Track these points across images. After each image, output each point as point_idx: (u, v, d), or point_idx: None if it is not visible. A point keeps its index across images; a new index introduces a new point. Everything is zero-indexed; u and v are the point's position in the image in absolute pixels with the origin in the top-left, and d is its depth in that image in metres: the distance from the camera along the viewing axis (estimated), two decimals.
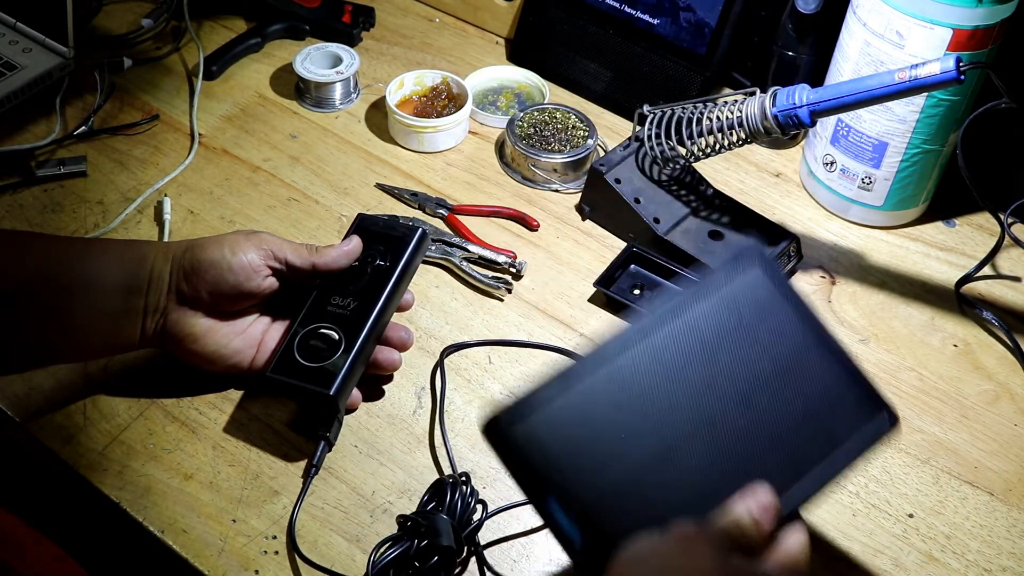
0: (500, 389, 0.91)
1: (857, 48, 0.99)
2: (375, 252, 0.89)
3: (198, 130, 1.14)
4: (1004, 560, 0.83)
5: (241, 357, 0.86)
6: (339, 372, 0.83)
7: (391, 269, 0.88)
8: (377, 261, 0.88)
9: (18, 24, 1.18)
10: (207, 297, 0.83)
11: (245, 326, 0.86)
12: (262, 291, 0.85)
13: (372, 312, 0.85)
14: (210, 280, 0.83)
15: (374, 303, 0.86)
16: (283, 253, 0.85)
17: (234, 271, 0.83)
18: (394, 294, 0.88)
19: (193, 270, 0.83)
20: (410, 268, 0.89)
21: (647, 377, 0.67)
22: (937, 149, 1.02)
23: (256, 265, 0.84)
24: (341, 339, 0.84)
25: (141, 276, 0.82)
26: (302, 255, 0.86)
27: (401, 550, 0.76)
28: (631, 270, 1.01)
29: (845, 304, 1.02)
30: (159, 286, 0.83)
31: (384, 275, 0.87)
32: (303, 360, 0.83)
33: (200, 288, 0.83)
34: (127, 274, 0.82)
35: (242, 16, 1.30)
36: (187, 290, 0.83)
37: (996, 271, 1.06)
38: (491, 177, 1.12)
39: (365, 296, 0.86)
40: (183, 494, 0.82)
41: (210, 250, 0.83)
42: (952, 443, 0.91)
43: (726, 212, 1.05)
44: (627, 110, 1.18)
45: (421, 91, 1.17)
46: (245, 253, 0.84)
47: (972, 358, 0.98)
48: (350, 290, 0.87)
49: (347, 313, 0.86)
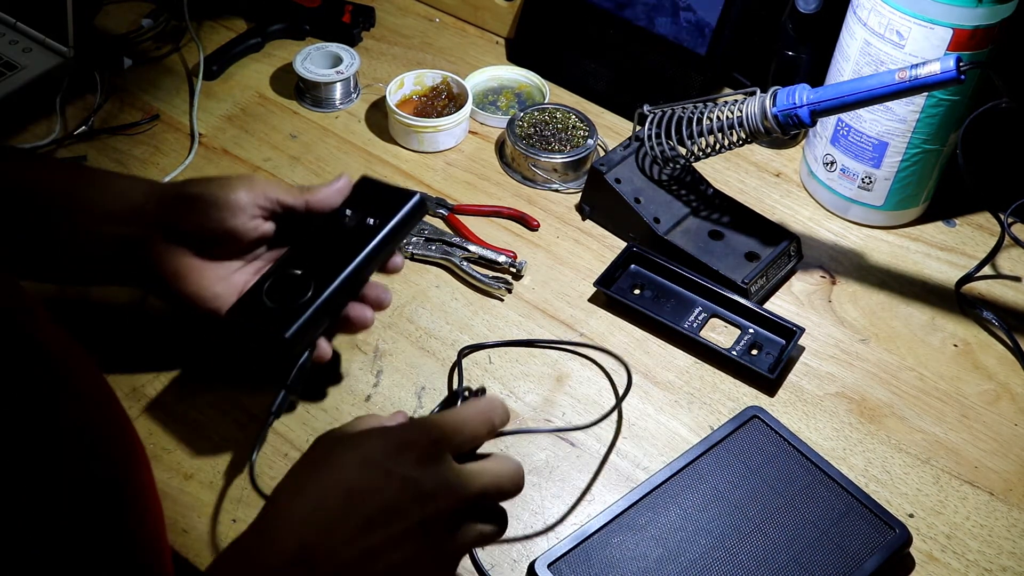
0: (500, 388, 0.91)
1: (857, 48, 1.00)
2: (367, 211, 0.86)
3: (198, 130, 1.14)
4: (1004, 560, 0.83)
5: (220, 303, 0.83)
6: (300, 317, 0.80)
7: (379, 227, 0.85)
8: (368, 220, 0.86)
9: (18, 24, 1.18)
10: (192, 232, 0.82)
11: (229, 272, 0.84)
12: (248, 232, 0.83)
13: (349, 265, 0.83)
14: (195, 215, 0.82)
15: (353, 256, 0.84)
16: (275, 193, 0.84)
17: (219, 207, 0.82)
18: (377, 252, 0.85)
19: (180, 204, 0.82)
20: (400, 230, 0.87)
21: (665, 520, 0.80)
22: (937, 149, 1.03)
23: (243, 202, 0.82)
24: (310, 285, 0.82)
25: (122, 205, 0.82)
26: (294, 193, 0.85)
27: None
28: (631, 270, 1.01)
29: (845, 304, 1.02)
30: (140, 218, 0.81)
31: (371, 232, 0.85)
32: (268, 301, 0.81)
33: (185, 222, 0.82)
34: (107, 200, 0.82)
35: (242, 16, 1.30)
36: (173, 224, 0.82)
37: (996, 271, 1.06)
38: (491, 177, 1.12)
39: (347, 249, 0.84)
40: (183, 494, 0.82)
41: (199, 185, 0.83)
42: (952, 443, 0.91)
43: (726, 212, 1.05)
44: (627, 110, 1.18)
45: (421, 91, 1.17)
46: (234, 191, 0.82)
47: (972, 358, 0.98)
48: (334, 243, 0.85)
49: (324, 263, 0.83)
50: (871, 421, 0.92)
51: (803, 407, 0.92)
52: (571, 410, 0.90)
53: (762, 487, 0.83)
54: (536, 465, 0.86)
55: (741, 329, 0.97)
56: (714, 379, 0.94)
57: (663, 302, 0.99)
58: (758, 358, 0.95)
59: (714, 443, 0.85)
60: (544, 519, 0.83)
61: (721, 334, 0.97)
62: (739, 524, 0.80)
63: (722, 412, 0.91)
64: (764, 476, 0.83)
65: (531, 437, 0.88)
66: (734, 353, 0.94)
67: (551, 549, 0.78)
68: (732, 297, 0.97)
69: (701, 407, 0.92)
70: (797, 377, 0.95)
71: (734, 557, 0.78)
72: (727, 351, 0.94)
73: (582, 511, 0.84)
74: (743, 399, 0.92)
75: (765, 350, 0.95)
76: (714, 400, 0.92)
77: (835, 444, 0.89)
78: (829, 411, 0.92)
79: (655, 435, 0.89)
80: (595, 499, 0.85)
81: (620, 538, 0.79)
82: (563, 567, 0.77)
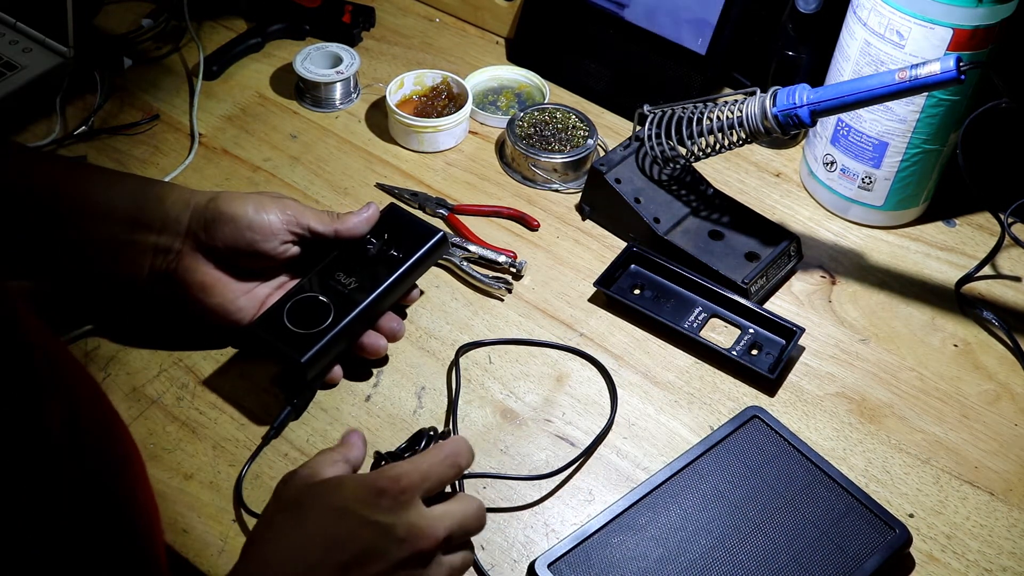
0: (500, 389, 0.91)
1: (857, 48, 0.99)
2: (392, 242, 0.91)
3: (198, 130, 1.14)
4: (1004, 560, 0.83)
5: (241, 315, 0.87)
6: (317, 343, 0.84)
7: (401, 260, 0.90)
8: (391, 251, 0.90)
9: (18, 24, 1.18)
10: (223, 249, 0.85)
11: (253, 286, 0.88)
12: (278, 255, 0.87)
13: (370, 296, 0.88)
14: (228, 233, 0.84)
15: (374, 288, 0.88)
16: (306, 220, 0.87)
17: (253, 229, 0.85)
18: (397, 285, 0.89)
19: (214, 220, 0.84)
20: (420, 266, 0.91)
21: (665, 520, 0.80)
22: (937, 149, 1.02)
23: (276, 228, 0.85)
24: (331, 312, 0.86)
25: (155, 214, 0.84)
26: (324, 221, 0.88)
27: None
28: (631, 270, 1.01)
29: (845, 304, 1.02)
30: (175, 228, 0.84)
31: (393, 264, 0.90)
32: (289, 323, 0.85)
33: (217, 239, 0.84)
34: (138, 208, 0.83)
35: (242, 16, 1.30)
36: (204, 239, 0.84)
37: (996, 271, 1.06)
38: (491, 177, 1.12)
39: (368, 279, 0.88)
40: (183, 494, 0.82)
41: (234, 204, 0.85)
42: (952, 443, 0.91)
43: (726, 212, 1.05)
44: (627, 110, 1.18)
45: (421, 91, 1.17)
46: (268, 213, 0.85)
47: (972, 358, 0.98)
48: (356, 270, 0.89)
49: (345, 291, 0.88)
50: (871, 421, 0.92)
51: (803, 407, 0.92)
52: (571, 410, 0.90)
53: (762, 487, 0.83)
54: (536, 465, 0.86)
55: (741, 329, 0.97)
56: (714, 379, 0.94)
57: (663, 302, 0.99)
58: (758, 358, 0.95)
59: (714, 443, 0.86)
60: (544, 519, 0.83)
61: (721, 334, 0.97)
62: (739, 524, 0.80)
63: (722, 412, 0.91)
64: (764, 476, 0.83)
65: (531, 437, 0.88)
66: (734, 353, 0.94)
67: (551, 549, 0.78)
68: (732, 297, 0.97)
69: (701, 407, 0.92)
70: (797, 377, 0.95)
71: (734, 557, 0.78)
72: (727, 351, 0.94)
73: (582, 511, 0.84)
74: (743, 399, 0.92)
75: (765, 350, 0.95)
76: (714, 400, 0.92)
77: (835, 444, 0.89)
78: (829, 411, 0.92)
79: (655, 435, 0.89)
80: (595, 499, 0.85)
81: (620, 538, 0.79)
82: (563, 567, 0.77)
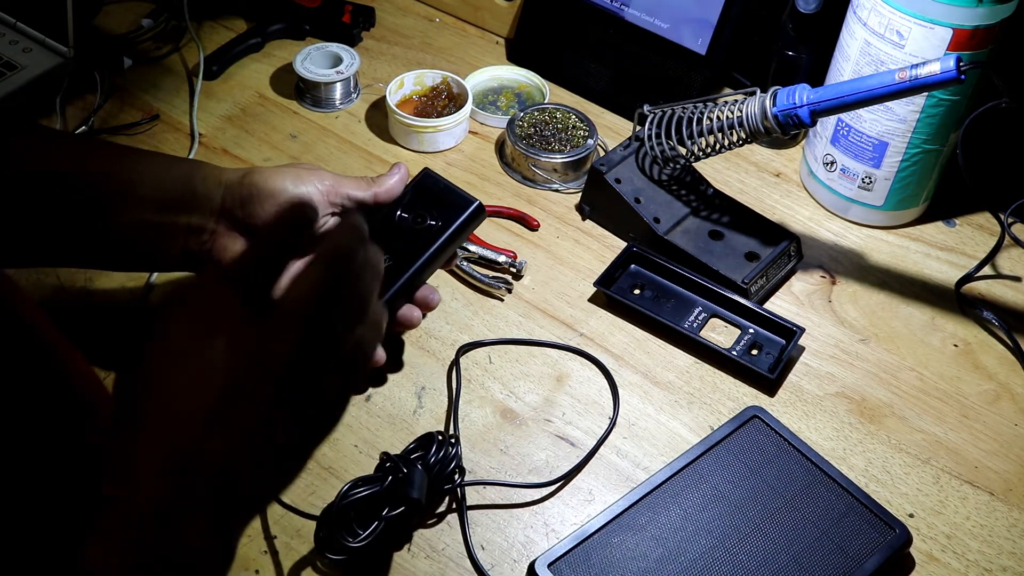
0: (500, 389, 0.91)
1: (857, 48, 0.99)
2: (427, 212, 0.86)
3: (198, 130, 1.14)
4: (1004, 560, 0.83)
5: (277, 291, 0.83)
6: None
7: (440, 231, 0.85)
8: (428, 221, 0.86)
9: (18, 24, 1.18)
10: (261, 225, 0.81)
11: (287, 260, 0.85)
12: (316, 229, 0.83)
13: (410, 269, 0.83)
14: (268, 209, 0.81)
15: (414, 260, 0.84)
16: (344, 188, 0.84)
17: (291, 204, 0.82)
18: (436, 257, 0.85)
19: (251, 197, 0.81)
20: (459, 236, 0.86)
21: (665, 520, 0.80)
22: (937, 149, 1.03)
23: (317, 200, 0.82)
24: None
25: (184, 193, 0.80)
26: (362, 187, 0.85)
27: (372, 491, 0.78)
28: (631, 270, 1.01)
29: (845, 304, 1.02)
30: (207, 207, 0.81)
31: (432, 235, 0.85)
32: None
33: (256, 217, 0.81)
34: (164, 189, 0.80)
35: (242, 16, 1.30)
36: (241, 216, 0.81)
37: (996, 271, 1.06)
38: (491, 177, 1.12)
39: (408, 252, 0.84)
40: None
41: (272, 180, 0.82)
42: (952, 443, 0.91)
43: (726, 212, 1.05)
44: (627, 110, 1.18)
45: (421, 91, 1.17)
46: (307, 186, 0.82)
47: (972, 358, 0.98)
48: (393, 244, 0.84)
49: (385, 264, 0.84)
50: (871, 421, 0.92)
51: (803, 407, 0.92)
52: (571, 410, 0.90)
53: (762, 487, 0.83)
54: (536, 465, 0.86)
55: (741, 329, 0.97)
56: (714, 379, 0.94)
57: (663, 302, 0.99)
58: (758, 358, 0.95)
59: (714, 443, 0.85)
60: (544, 519, 0.83)
61: (721, 334, 0.97)
62: (739, 524, 0.80)
63: (722, 412, 0.91)
64: (764, 476, 0.83)
65: (531, 437, 0.88)
66: (734, 353, 0.94)
67: (551, 549, 0.78)
68: (732, 297, 0.97)
69: (701, 407, 0.92)
70: (797, 377, 0.95)
71: (734, 557, 0.78)
72: (727, 351, 0.94)
73: (582, 511, 0.84)
74: (743, 399, 0.92)
75: (765, 350, 0.95)
76: (714, 400, 0.92)
77: (835, 444, 0.89)
78: (829, 411, 0.92)
79: (655, 435, 0.89)
80: (595, 499, 0.85)
81: (620, 538, 0.79)
82: (563, 567, 0.77)
